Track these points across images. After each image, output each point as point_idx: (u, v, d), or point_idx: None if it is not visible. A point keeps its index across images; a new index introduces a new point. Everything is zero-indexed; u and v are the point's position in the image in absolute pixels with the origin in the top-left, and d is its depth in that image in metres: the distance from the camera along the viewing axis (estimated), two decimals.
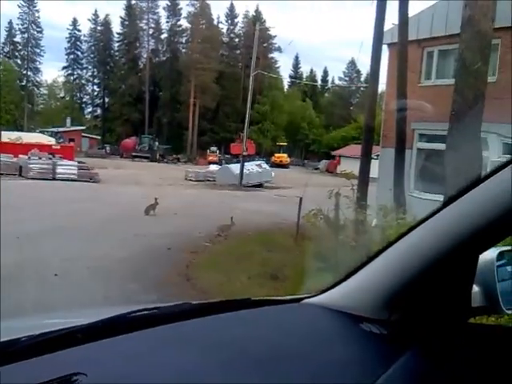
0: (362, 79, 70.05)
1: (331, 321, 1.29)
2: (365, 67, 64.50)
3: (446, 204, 1.11)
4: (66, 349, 0.99)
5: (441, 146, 9.53)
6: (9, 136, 36.03)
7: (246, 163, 29.26)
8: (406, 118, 10.85)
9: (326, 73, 78.79)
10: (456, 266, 1.15)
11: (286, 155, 54.35)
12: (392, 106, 11.87)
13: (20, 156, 26.92)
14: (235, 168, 29.25)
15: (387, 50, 13.61)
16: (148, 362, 1.01)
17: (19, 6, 64.82)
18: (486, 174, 1.05)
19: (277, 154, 54.03)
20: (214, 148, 55.20)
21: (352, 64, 74.56)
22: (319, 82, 76.05)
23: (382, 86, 14.00)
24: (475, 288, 1.28)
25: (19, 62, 65.37)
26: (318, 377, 1.04)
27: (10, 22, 65.56)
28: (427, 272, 1.14)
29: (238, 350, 1.11)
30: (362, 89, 69.35)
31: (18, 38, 66.43)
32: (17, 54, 66.16)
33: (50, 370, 0.91)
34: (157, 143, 52.65)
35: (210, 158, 50.94)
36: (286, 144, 58.03)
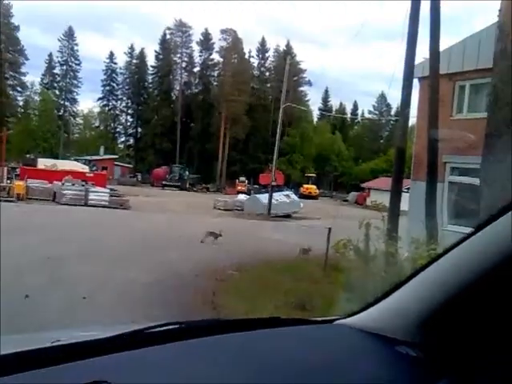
0: (392, 113, 69.97)
1: (364, 342, 1.27)
2: (395, 101, 64.70)
3: (480, 228, 1.10)
4: (91, 358, 1.01)
5: (473, 180, 9.36)
6: (45, 163, 37.21)
7: (274, 193, 29.34)
8: (437, 150, 10.74)
9: (355, 106, 79.33)
10: (497, 291, 1.11)
11: (314, 186, 54.34)
12: (423, 139, 11.76)
13: (54, 182, 27.71)
14: (263, 198, 29.33)
15: (418, 85, 13.62)
16: (172, 373, 1.02)
17: (59, 40, 68.14)
18: None
19: (305, 185, 54.07)
20: (242, 178, 55.63)
21: (382, 98, 74.80)
22: (349, 115, 76.38)
23: (412, 119, 13.94)
24: None
25: (57, 92, 67.96)
26: None
27: (50, 55, 68.82)
28: (465, 296, 1.12)
29: (267, 366, 1.10)
30: (391, 122, 69.25)
31: (57, 70, 69.46)
32: (55, 84, 68.85)
33: (77, 377, 0.93)
34: (187, 172, 53.48)
35: (239, 187, 51.32)
36: (314, 175, 58.10)
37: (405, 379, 1.14)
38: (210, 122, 64.76)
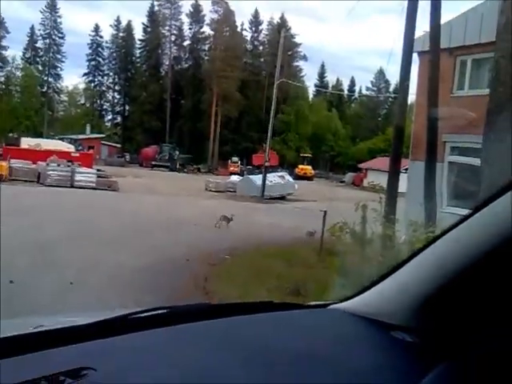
0: (391, 89, 69.71)
1: (359, 327, 1.28)
2: (394, 77, 64.44)
3: (478, 209, 1.10)
4: (75, 344, 1.00)
5: (474, 160, 9.37)
6: (28, 142, 36.91)
7: (268, 174, 29.31)
8: (437, 129, 10.72)
9: (352, 82, 78.92)
10: (494, 272, 1.12)
11: (310, 167, 54.34)
12: (422, 117, 11.74)
13: (39, 163, 27.51)
14: (257, 179, 29.29)
15: (417, 59, 13.54)
16: (159, 359, 1.01)
17: (41, 12, 67.03)
18: None
19: (300, 166, 54.08)
20: (235, 158, 55.49)
21: (380, 74, 74.48)
22: (346, 92, 76.02)
23: (411, 96, 13.89)
24: None
25: (40, 67, 67.06)
26: (345, 382, 1.02)
27: (32, 28, 67.70)
28: (463, 278, 1.12)
29: (257, 351, 1.10)
30: (390, 99, 69.07)
31: (39, 44, 68.42)
32: (38, 59, 67.90)
33: (60, 363, 0.93)
34: (177, 152, 53.25)
35: (232, 168, 51.29)
36: (310, 155, 58.07)
37: (400, 365, 1.15)
38: (201, 99, 64.24)
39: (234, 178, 34.42)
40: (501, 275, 1.13)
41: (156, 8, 68.74)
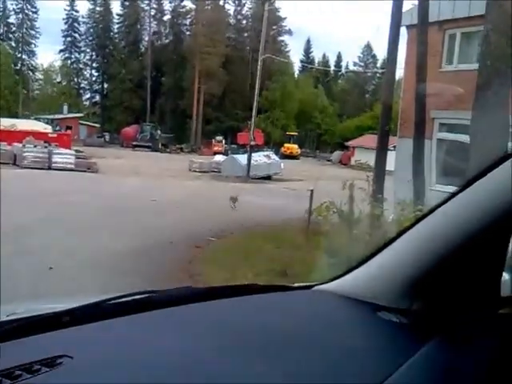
0: (379, 65, 69.57)
1: (346, 308, 1.29)
2: (381, 52, 64.31)
3: (467, 185, 1.10)
4: (53, 331, 0.98)
5: (463, 137, 9.44)
6: (2, 123, 36.23)
7: (253, 154, 29.27)
8: (425, 105, 10.76)
9: (339, 58, 78.49)
10: (483, 251, 1.13)
11: (296, 146, 54.36)
12: (410, 93, 11.76)
13: (14, 144, 27.10)
14: (242, 159, 29.26)
15: (406, 33, 13.50)
16: (140, 345, 1.00)
17: None
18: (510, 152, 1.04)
19: (286, 145, 54.04)
20: (219, 137, 55.19)
21: (367, 48, 74.36)
22: (332, 68, 75.75)
23: (399, 71, 13.89)
24: (505, 276, 1.26)
25: (13, 44, 65.61)
26: (332, 365, 1.03)
27: (4, 2, 65.91)
28: (450, 257, 1.12)
29: (242, 335, 1.10)
30: (378, 75, 68.90)
31: (12, 19, 66.73)
32: (11, 35, 66.37)
33: (35, 352, 0.91)
34: (159, 132, 52.82)
35: (216, 148, 51.00)
36: (296, 134, 58.01)
37: (388, 346, 1.16)
38: (183, 77, 63.53)
39: (219, 157, 34.32)
40: (489, 254, 1.14)
41: None
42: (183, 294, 1.28)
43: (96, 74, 71.43)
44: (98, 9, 69.27)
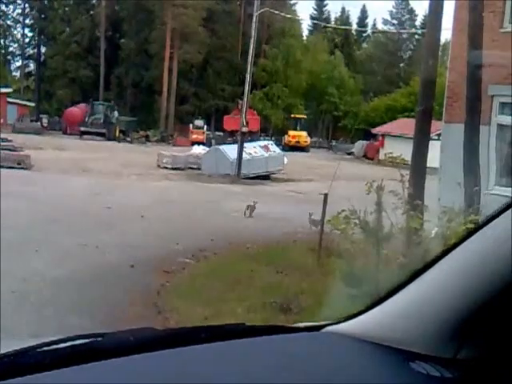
0: (418, 23, 70.00)
1: (368, 357, 1.30)
2: (421, 6, 64.61)
3: None
4: None
5: None
6: None
7: (246, 144, 29.36)
8: (481, 78, 10.81)
9: (364, 13, 79.00)
10: None
11: (304, 133, 54.56)
12: (461, 62, 11.82)
13: None
14: (230, 151, 29.25)
15: None
16: None
17: None
18: None
19: (292, 132, 54.27)
20: (199, 122, 55.23)
21: (403, 1, 74.62)
22: (354, 27, 76.09)
23: (446, 33, 13.96)
24: None
25: None
26: None
27: None
28: (502, 291, 1.13)
29: None
30: (417, 37, 69.31)
31: None
32: None
33: None
34: (116, 114, 52.94)
35: (194, 136, 51.18)
36: (304, 117, 58.29)
37: None
38: (149, 38, 63.63)
39: (198, 149, 34.40)
40: None
41: None
42: (141, 339, 1.27)
43: (30, 33, 71.56)
44: None
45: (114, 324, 6.95)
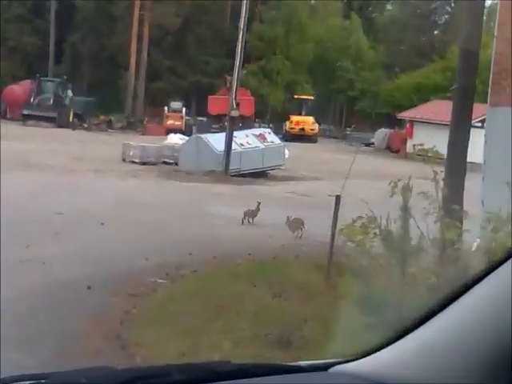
0: None
1: None
2: None
3: None
4: None
5: None
6: None
7: (236, 133, 29.39)
8: None
9: None
10: None
11: (311, 119, 54.88)
12: (510, 29, 11.89)
13: None
14: (216, 141, 29.31)
15: None
16: None
17: None
18: None
19: (295, 118, 54.68)
20: (176, 104, 55.34)
21: None
22: None
23: None
24: None
25: None
26: None
27: None
28: None
29: None
30: None
31: None
32: None
33: None
34: (70, 93, 53.08)
35: (170, 121, 51.51)
36: (311, 98, 58.56)
37: None
38: None
39: (175, 138, 34.48)
40: None
41: None
42: (95, 380, 1.28)
43: None
44: None
45: (62, 362, 6.95)
